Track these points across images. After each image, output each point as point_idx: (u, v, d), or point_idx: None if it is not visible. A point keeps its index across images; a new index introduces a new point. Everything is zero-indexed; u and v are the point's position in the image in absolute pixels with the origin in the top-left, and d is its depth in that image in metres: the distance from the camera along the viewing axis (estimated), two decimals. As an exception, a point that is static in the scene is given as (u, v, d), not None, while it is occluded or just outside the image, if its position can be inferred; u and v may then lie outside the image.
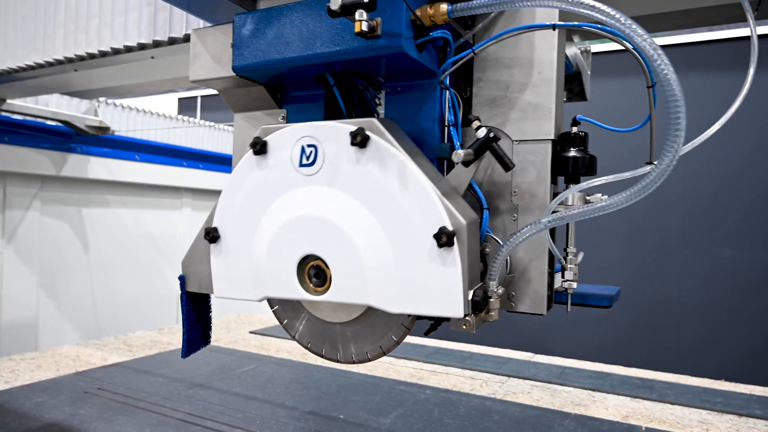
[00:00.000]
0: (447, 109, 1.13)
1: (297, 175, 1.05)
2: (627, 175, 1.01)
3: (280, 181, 1.07)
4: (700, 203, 4.43)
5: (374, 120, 0.99)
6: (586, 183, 1.00)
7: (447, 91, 1.12)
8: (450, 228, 0.92)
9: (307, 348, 1.22)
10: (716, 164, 4.35)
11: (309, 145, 1.03)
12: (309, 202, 1.04)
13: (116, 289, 4.07)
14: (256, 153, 1.09)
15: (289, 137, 1.06)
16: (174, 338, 3.30)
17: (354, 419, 2.00)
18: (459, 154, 0.97)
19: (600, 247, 4.57)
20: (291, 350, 3.04)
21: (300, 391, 2.32)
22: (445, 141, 1.13)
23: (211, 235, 1.16)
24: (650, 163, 1.06)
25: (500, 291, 1.01)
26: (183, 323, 1.30)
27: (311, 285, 1.08)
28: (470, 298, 0.95)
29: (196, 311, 1.32)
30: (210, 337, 1.36)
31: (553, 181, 1.12)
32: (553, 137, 1.08)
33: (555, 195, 1.10)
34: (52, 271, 3.63)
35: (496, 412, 2.13)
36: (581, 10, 0.83)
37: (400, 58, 1.02)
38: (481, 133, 0.98)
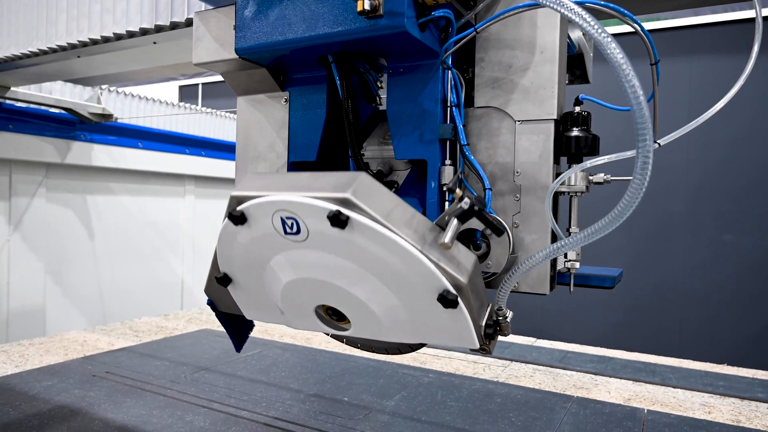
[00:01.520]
0: (449, 90, 1.13)
1: (286, 241, 0.98)
2: (629, 154, 1.00)
3: (270, 246, 1.01)
4: (702, 188, 4.41)
5: (348, 195, 0.90)
6: (589, 162, 1.00)
7: (449, 71, 1.12)
8: (452, 291, 0.91)
9: (343, 342, 1.29)
10: (719, 149, 4.33)
11: (288, 218, 0.95)
12: (307, 266, 1.00)
13: (121, 276, 4.11)
14: (235, 224, 1.01)
15: (263, 210, 0.97)
16: (179, 324, 3.33)
17: (358, 401, 2.02)
18: (447, 244, 0.91)
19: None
20: (295, 335, 3.06)
21: (304, 375, 2.34)
22: (448, 122, 1.13)
23: (225, 281, 1.13)
24: (653, 141, 1.06)
25: (510, 315, 1.03)
26: (225, 330, 1.35)
27: (333, 320, 1.09)
28: (483, 332, 0.98)
29: (233, 318, 1.34)
30: (253, 322, 1.39)
31: (556, 162, 1.12)
32: (555, 117, 1.08)
33: (558, 175, 1.10)
34: (58, 258, 3.66)
35: (498, 395, 2.15)
36: (562, 11, 0.81)
37: (402, 38, 1.02)
38: (466, 204, 0.94)
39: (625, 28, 1.11)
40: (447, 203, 1.13)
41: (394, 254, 0.91)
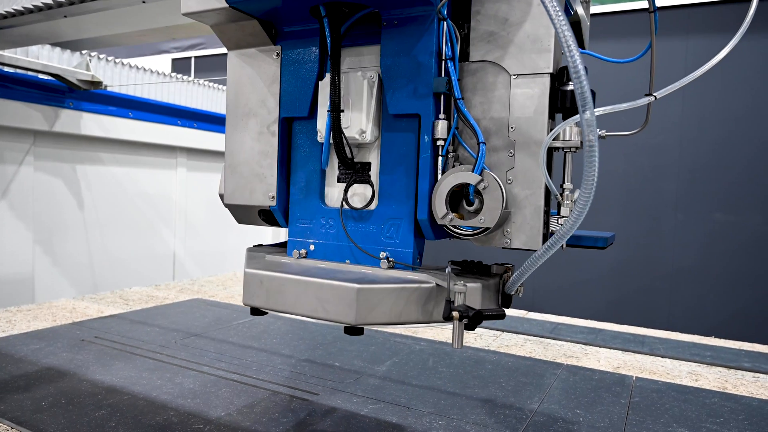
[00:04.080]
0: (444, 43, 1.11)
1: None
2: (624, 106, 0.99)
3: None
4: (694, 168, 4.41)
5: (353, 321, 1.04)
6: (584, 114, 0.98)
7: (444, 23, 1.09)
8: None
9: None
10: (711, 128, 4.32)
11: None
12: None
13: (112, 246, 4.07)
14: (254, 314, 1.22)
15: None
16: (170, 294, 3.32)
17: (349, 366, 2.03)
18: (458, 348, 1.12)
19: (595, 210, 4.57)
20: (287, 305, 3.06)
21: (296, 342, 2.34)
22: (442, 75, 1.11)
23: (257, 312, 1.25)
24: (649, 94, 1.05)
25: (522, 290, 1.16)
26: None
27: None
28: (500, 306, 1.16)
29: None
30: None
31: (551, 118, 1.10)
32: (551, 71, 1.06)
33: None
34: (47, 227, 3.62)
35: (489, 362, 2.17)
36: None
37: (396, -16, 0.99)
38: (466, 321, 1.03)
39: (624, 6, 1.08)
40: (440, 158, 1.12)
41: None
